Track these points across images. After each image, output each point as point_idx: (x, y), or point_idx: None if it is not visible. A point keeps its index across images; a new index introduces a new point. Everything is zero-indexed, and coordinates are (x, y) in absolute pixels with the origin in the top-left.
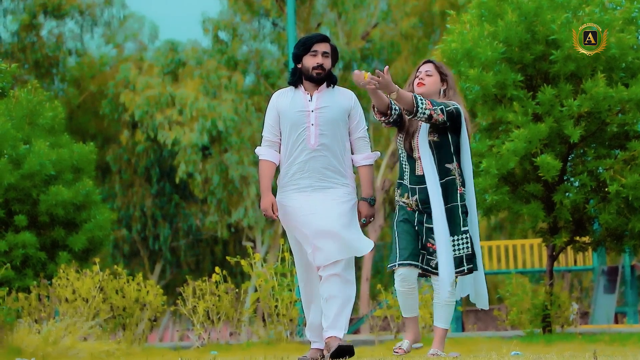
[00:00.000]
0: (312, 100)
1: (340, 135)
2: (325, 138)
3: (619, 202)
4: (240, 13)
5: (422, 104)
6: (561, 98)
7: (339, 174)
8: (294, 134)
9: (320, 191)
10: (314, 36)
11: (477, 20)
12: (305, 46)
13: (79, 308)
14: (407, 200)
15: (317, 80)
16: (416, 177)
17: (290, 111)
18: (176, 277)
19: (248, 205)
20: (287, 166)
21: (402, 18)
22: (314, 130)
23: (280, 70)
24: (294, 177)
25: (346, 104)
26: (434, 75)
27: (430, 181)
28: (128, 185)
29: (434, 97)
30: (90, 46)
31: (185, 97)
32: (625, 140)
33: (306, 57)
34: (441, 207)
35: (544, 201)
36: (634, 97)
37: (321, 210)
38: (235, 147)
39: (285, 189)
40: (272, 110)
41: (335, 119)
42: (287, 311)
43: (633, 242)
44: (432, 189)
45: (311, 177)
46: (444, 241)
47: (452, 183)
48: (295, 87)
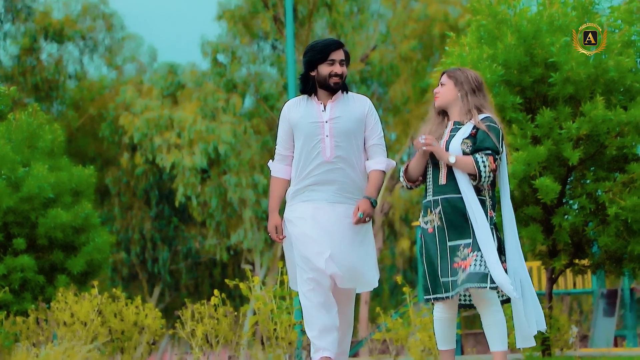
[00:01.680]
0: (325, 110)
1: (357, 145)
2: (341, 150)
3: (618, 224)
4: (240, 36)
5: (484, 166)
6: (560, 121)
7: (356, 187)
8: (308, 146)
9: (335, 205)
10: (331, 43)
11: (476, 43)
12: (323, 54)
13: (77, 331)
14: (429, 217)
15: (333, 90)
16: (439, 187)
17: (304, 123)
18: (175, 300)
19: (247, 227)
20: (301, 179)
21: (401, 41)
22: (329, 142)
23: (280, 92)
24: (307, 189)
25: (361, 111)
26: (447, 84)
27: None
28: (127, 208)
29: (453, 106)
30: (90, 69)
31: (184, 119)
32: (624, 163)
33: (322, 66)
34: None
35: (543, 224)
36: (633, 120)
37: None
38: (234, 170)
39: (295, 200)
40: (284, 122)
41: (351, 129)
42: (286, 334)
43: (632, 265)
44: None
45: (327, 191)
46: (492, 246)
47: (482, 204)
48: (309, 95)
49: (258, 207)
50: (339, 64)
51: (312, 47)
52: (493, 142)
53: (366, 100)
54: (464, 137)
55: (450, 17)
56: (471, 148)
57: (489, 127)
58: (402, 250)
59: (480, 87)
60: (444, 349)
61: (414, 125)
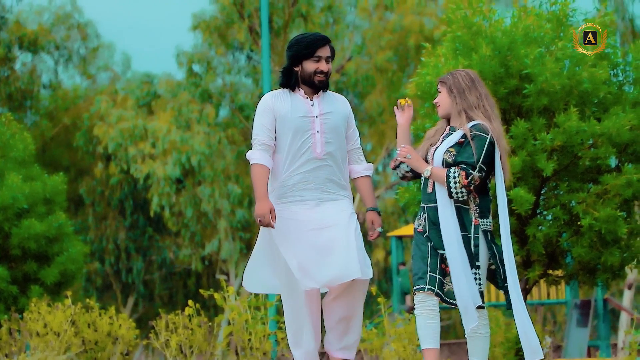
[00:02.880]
0: (314, 105)
1: (343, 143)
2: (331, 146)
3: (592, 235)
4: (215, 46)
5: (455, 182)
6: (534, 132)
7: (340, 185)
8: (297, 141)
9: (326, 203)
10: (318, 39)
11: (452, 54)
12: (309, 50)
13: (51, 342)
14: (420, 221)
15: (317, 87)
16: (427, 194)
17: (292, 116)
18: (149, 310)
19: (222, 238)
20: (287, 176)
21: (376, 52)
22: (320, 137)
23: (255, 103)
24: (296, 188)
25: (345, 110)
26: (441, 92)
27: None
28: (101, 218)
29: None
30: (64, 78)
31: (158, 130)
32: (598, 174)
33: (308, 62)
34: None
35: (517, 235)
36: (606, 131)
37: (334, 222)
38: (209, 180)
39: (284, 200)
40: (268, 112)
41: (339, 126)
42: (261, 345)
43: (605, 275)
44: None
45: (316, 189)
46: (460, 264)
47: (464, 212)
48: (292, 90)
49: (233, 217)
50: (325, 61)
51: (297, 41)
52: (472, 154)
53: (345, 99)
54: (449, 145)
55: (425, 28)
56: (453, 158)
57: (473, 136)
58: (377, 260)
59: (471, 86)
60: (429, 348)
61: (389, 136)
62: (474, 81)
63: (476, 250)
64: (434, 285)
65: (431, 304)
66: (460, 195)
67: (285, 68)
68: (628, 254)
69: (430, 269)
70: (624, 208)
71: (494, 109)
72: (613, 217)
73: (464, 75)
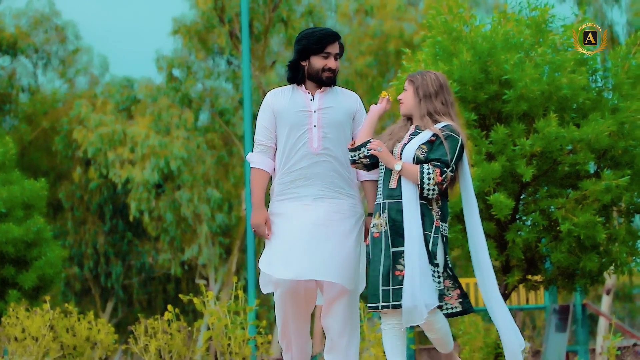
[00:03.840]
0: (314, 99)
1: (345, 138)
2: (329, 142)
3: (571, 241)
4: (195, 51)
5: (429, 178)
6: (514, 137)
7: (344, 181)
8: (294, 136)
9: (323, 200)
10: (328, 35)
11: (432, 59)
12: (319, 46)
13: (29, 347)
14: (377, 220)
15: (325, 83)
16: (389, 190)
17: (289, 111)
18: (128, 315)
19: (202, 243)
20: (285, 172)
21: (356, 57)
22: (317, 132)
23: (235, 108)
24: (293, 184)
25: (351, 106)
26: (408, 90)
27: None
28: (80, 222)
29: (414, 111)
30: (43, 82)
31: (137, 134)
32: (577, 179)
33: (316, 58)
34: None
35: (496, 240)
36: (585, 137)
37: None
38: (188, 185)
39: (280, 197)
40: (267, 110)
41: (340, 122)
42: (240, 349)
43: (584, 281)
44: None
45: (313, 185)
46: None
47: (427, 212)
48: (297, 85)
49: (213, 222)
50: (334, 57)
51: (307, 35)
52: (445, 152)
53: (357, 96)
54: (421, 142)
55: (405, 33)
56: (425, 155)
57: (446, 136)
58: None
59: (439, 91)
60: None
61: None
62: (442, 87)
63: (434, 249)
64: (386, 300)
65: (394, 318)
66: (432, 193)
67: (292, 62)
68: (606, 259)
69: (383, 282)
70: (603, 214)
71: (458, 117)
72: (592, 223)
73: (434, 79)
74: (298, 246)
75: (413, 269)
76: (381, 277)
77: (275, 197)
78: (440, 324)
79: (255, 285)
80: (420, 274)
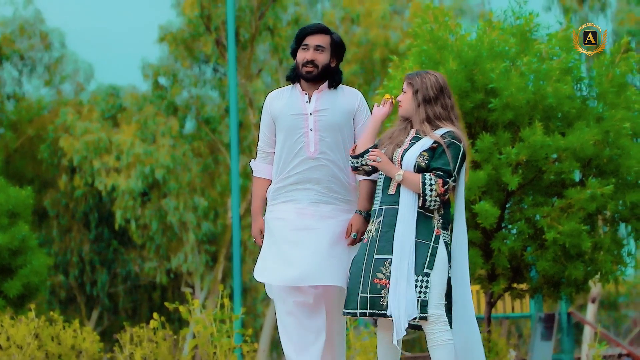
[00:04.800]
0: (310, 101)
1: (344, 141)
2: (326, 145)
3: (556, 249)
4: (181, 59)
5: (431, 189)
6: (499, 146)
7: (342, 187)
8: (290, 140)
9: (317, 205)
10: (307, 27)
11: (418, 67)
12: (297, 39)
13: (13, 355)
14: (370, 226)
15: (308, 79)
16: (388, 196)
17: (285, 114)
18: (113, 323)
19: (187, 251)
20: (282, 178)
21: (342, 65)
22: (313, 136)
23: (221, 116)
24: (290, 188)
25: (350, 105)
26: (407, 92)
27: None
28: (66, 230)
29: (413, 115)
30: (28, 89)
31: (123, 143)
32: (562, 188)
33: (299, 52)
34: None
35: (482, 248)
36: (570, 146)
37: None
38: (174, 193)
39: (276, 201)
40: (265, 114)
41: (338, 124)
42: (226, 358)
43: (569, 289)
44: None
45: (310, 190)
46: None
47: (425, 221)
48: (293, 84)
49: (199, 230)
50: (314, 49)
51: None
52: (447, 161)
53: (357, 93)
54: (422, 149)
55: (391, 41)
56: (427, 162)
57: (448, 144)
58: None
59: (439, 95)
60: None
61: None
62: (442, 90)
63: (432, 259)
64: (363, 307)
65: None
66: (434, 204)
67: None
68: (592, 267)
69: (362, 289)
70: (588, 222)
71: (459, 121)
72: (577, 231)
73: (434, 82)
74: (291, 252)
75: (400, 278)
76: (361, 282)
77: (271, 200)
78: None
79: (241, 294)
80: (407, 284)
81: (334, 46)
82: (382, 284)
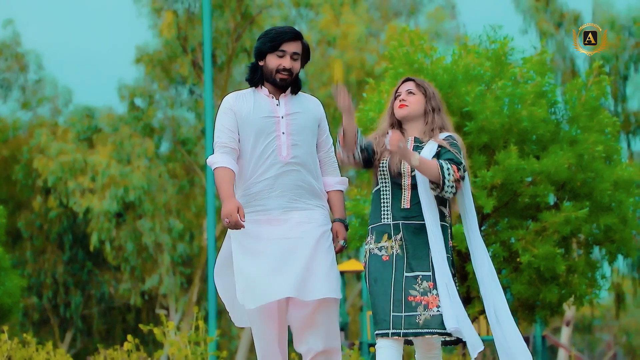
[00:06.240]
0: (279, 104)
1: (313, 146)
2: (299, 149)
3: (531, 272)
4: (157, 80)
5: (449, 173)
6: (475, 169)
7: (313, 193)
8: (260, 144)
9: (292, 212)
10: (285, 32)
11: None
12: (273, 44)
13: None
14: (386, 243)
15: (279, 86)
16: (402, 211)
17: (255, 117)
18: (87, 345)
19: (163, 272)
20: (250, 184)
21: (318, 87)
22: (286, 139)
23: (197, 137)
24: (259, 196)
25: (317, 111)
26: (417, 94)
27: (428, 212)
28: (40, 251)
29: (416, 120)
30: (3, 111)
31: (98, 164)
32: (537, 211)
33: (271, 56)
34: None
35: (458, 271)
36: (545, 169)
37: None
38: (149, 214)
39: (246, 211)
40: (229, 113)
41: (309, 127)
42: None
43: (544, 312)
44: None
45: (281, 197)
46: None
47: (444, 230)
48: (255, 87)
49: (174, 251)
50: (291, 57)
51: (265, 33)
52: (454, 155)
53: (318, 101)
54: (431, 154)
55: (367, 64)
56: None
57: (451, 144)
58: None
59: (442, 106)
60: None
61: None
62: (442, 101)
63: (454, 272)
64: (397, 327)
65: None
66: (451, 190)
67: (252, 63)
68: (566, 290)
69: (394, 308)
70: (562, 245)
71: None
72: (552, 254)
73: (437, 93)
74: (271, 267)
75: (448, 292)
76: (392, 302)
77: None
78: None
79: (216, 316)
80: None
81: (305, 52)
82: (417, 301)
